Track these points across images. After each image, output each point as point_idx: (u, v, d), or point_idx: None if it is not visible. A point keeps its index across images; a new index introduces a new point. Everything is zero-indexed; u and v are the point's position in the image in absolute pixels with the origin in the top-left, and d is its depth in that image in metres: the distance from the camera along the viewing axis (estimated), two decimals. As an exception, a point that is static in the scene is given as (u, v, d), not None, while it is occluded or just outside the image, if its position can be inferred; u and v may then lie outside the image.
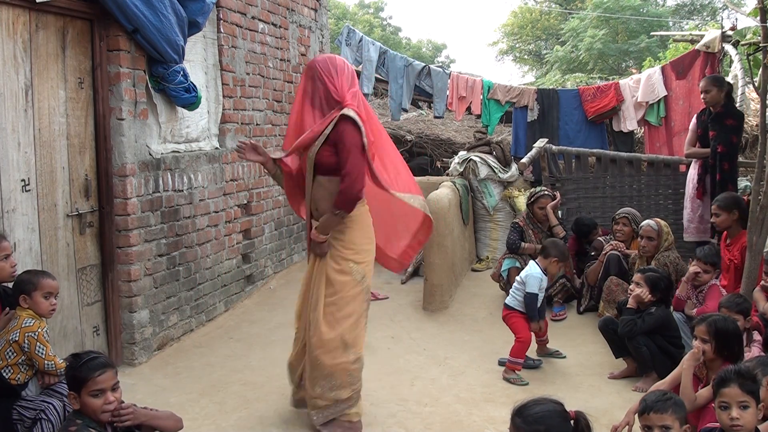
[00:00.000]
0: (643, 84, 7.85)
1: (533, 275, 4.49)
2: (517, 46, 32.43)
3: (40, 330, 3.01)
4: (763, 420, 2.66)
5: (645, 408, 2.50)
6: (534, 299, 4.48)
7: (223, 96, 5.44)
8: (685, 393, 3.09)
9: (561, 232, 5.89)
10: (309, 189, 3.49)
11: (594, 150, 7.14)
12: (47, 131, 3.86)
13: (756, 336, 3.79)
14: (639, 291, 4.18)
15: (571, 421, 2.23)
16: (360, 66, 8.58)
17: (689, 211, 5.83)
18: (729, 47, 7.10)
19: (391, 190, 3.53)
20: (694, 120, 5.89)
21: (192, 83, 4.65)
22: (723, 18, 10.65)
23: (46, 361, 3.00)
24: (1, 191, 3.53)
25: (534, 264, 4.59)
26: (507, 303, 4.62)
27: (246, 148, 3.65)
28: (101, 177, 4.25)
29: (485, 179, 7.30)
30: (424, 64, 8.74)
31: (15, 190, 3.63)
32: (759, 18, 4.37)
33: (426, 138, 9.83)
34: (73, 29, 4.04)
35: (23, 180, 3.68)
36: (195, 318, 5.08)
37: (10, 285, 3.18)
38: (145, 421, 2.60)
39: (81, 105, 4.12)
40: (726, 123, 5.49)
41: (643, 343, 4.12)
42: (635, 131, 8.32)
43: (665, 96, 7.75)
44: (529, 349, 4.56)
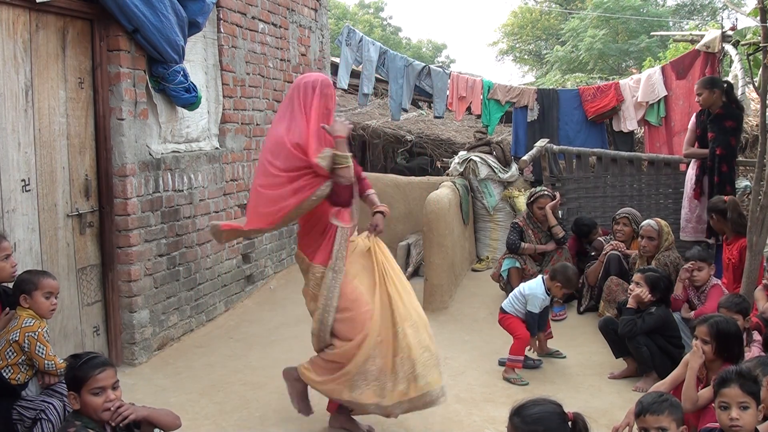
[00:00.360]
0: (643, 84, 7.84)
1: (537, 296, 4.47)
2: (517, 46, 32.42)
3: (40, 330, 3.01)
4: (764, 420, 2.66)
5: (641, 410, 2.49)
6: (535, 317, 4.49)
7: (223, 96, 5.44)
8: (688, 393, 3.08)
9: (560, 232, 5.89)
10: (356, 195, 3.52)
11: (595, 149, 7.14)
12: (47, 131, 3.86)
13: (756, 336, 3.78)
14: (639, 291, 4.18)
15: (569, 423, 2.23)
16: (360, 66, 8.58)
17: (687, 211, 5.83)
18: (729, 47, 7.09)
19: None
20: (693, 120, 5.89)
21: (192, 83, 4.65)
22: (723, 18, 10.65)
23: (46, 361, 3.00)
24: (2, 191, 3.53)
25: (541, 282, 4.53)
26: (503, 307, 4.60)
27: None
28: (101, 177, 4.25)
29: (485, 179, 7.31)
30: (424, 64, 8.73)
31: (15, 190, 3.63)
32: (759, 18, 4.37)
33: (426, 138, 9.83)
34: (73, 29, 4.04)
35: (23, 180, 3.68)
36: (195, 318, 5.08)
37: (10, 285, 3.18)
38: (145, 416, 2.59)
39: (81, 105, 4.12)
40: (725, 125, 5.49)
41: (644, 343, 4.12)
42: (635, 131, 8.31)
43: (665, 96, 7.74)
44: (530, 350, 4.56)
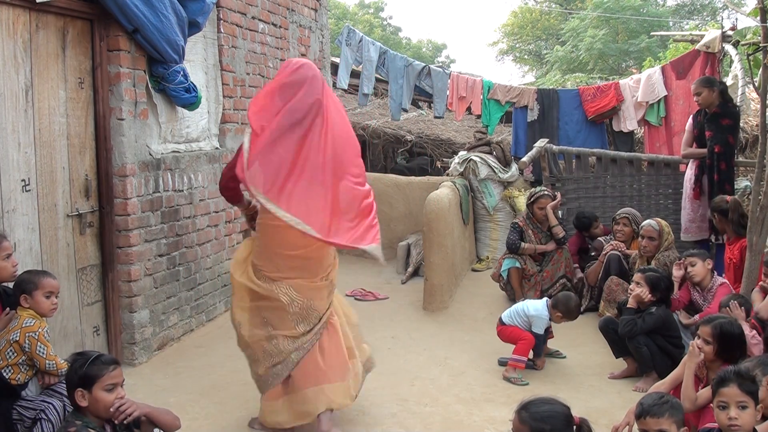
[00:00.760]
0: (643, 84, 7.85)
1: (541, 318, 4.46)
2: (517, 46, 32.43)
3: (40, 330, 3.01)
4: (763, 420, 2.66)
5: (641, 412, 2.49)
6: (540, 338, 4.50)
7: (223, 96, 5.44)
8: (687, 393, 3.10)
9: (560, 232, 5.89)
10: None
11: (595, 150, 7.15)
12: (47, 131, 3.86)
13: (756, 337, 3.78)
14: (639, 291, 4.18)
15: (575, 427, 2.23)
16: (360, 66, 8.58)
17: (689, 212, 5.83)
18: (729, 47, 7.09)
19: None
20: (690, 121, 5.91)
21: (192, 83, 4.65)
22: (723, 18, 10.62)
23: (47, 361, 3.00)
24: (2, 191, 3.53)
25: (545, 305, 4.50)
26: (503, 319, 4.58)
27: None
28: (101, 177, 4.25)
29: (485, 179, 7.31)
30: (424, 64, 8.73)
31: (15, 190, 3.63)
32: (759, 18, 4.37)
33: (426, 138, 9.84)
34: (73, 29, 4.04)
35: (23, 180, 3.68)
36: (195, 318, 5.09)
37: (11, 285, 3.18)
38: (146, 413, 2.65)
39: (81, 105, 4.12)
40: (722, 123, 5.50)
41: (644, 343, 4.12)
42: (635, 131, 8.32)
43: (665, 96, 7.75)
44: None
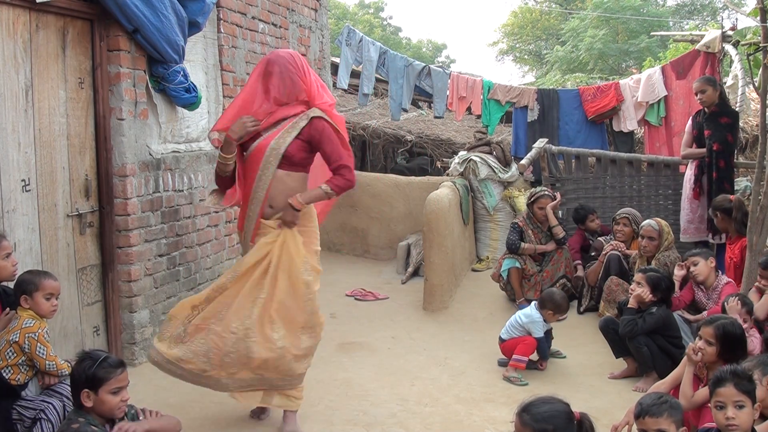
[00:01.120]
0: (643, 84, 7.84)
1: (535, 320, 4.46)
2: (517, 46, 32.43)
3: (40, 331, 3.00)
4: (762, 420, 2.66)
5: (640, 412, 2.49)
6: (543, 341, 4.49)
7: (223, 96, 5.44)
8: (684, 392, 3.11)
9: (560, 232, 5.89)
10: (264, 182, 3.47)
11: (594, 150, 7.15)
12: (47, 131, 3.86)
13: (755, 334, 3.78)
14: (640, 291, 4.18)
15: (576, 423, 2.23)
16: (360, 66, 8.58)
17: (688, 212, 5.84)
18: (729, 47, 7.09)
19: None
20: (689, 122, 5.92)
21: (192, 83, 4.65)
22: (723, 18, 10.65)
23: (47, 362, 3.00)
24: (2, 191, 3.53)
25: (534, 309, 4.51)
26: (502, 337, 4.57)
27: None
28: (101, 177, 4.25)
29: (485, 179, 7.31)
30: (424, 64, 8.73)
31: (15, 190, 3.63)
32: (759, 18, 4.37)
33: (426, 138, 9.83)
34: (73, 29, 4.04)
35: (23, 180, 3.68)
36: (195, 318, 5.08)
37: (10, 285, 3.18)
38: (147, 430, 2.68)
39: (81, 105, 4.12)
40: (721, 121, 5.51)
41: (644, 343, 4.12)
42: (635, 131, 8.32)
43: (665, 96, 7.74)
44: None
